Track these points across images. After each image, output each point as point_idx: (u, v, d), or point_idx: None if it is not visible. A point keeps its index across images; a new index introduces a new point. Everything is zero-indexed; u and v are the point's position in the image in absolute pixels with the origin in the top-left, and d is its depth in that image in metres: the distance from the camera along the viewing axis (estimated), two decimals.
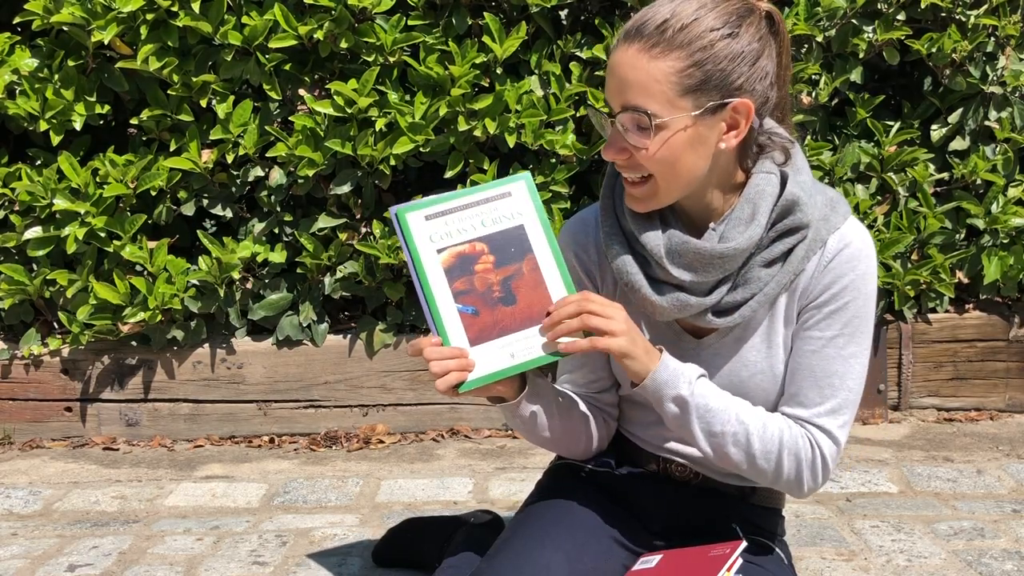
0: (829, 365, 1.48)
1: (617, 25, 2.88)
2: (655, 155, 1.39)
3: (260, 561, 2.19)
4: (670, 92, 1.37)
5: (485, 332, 1.44)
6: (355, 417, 3.04)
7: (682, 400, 1.45)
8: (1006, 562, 2.13)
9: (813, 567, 2.13)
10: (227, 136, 2.88)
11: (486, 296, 1.44)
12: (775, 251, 1.46)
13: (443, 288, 1.44)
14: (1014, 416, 3.11)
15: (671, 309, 1.47)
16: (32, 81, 2.89)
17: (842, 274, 1.46)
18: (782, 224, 1.45)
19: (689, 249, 1.44)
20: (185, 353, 2.99)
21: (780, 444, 1.47)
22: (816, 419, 1.48)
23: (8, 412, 3.01)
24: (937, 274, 2.96)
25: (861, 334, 1.48)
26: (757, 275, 1.46)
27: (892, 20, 2.94)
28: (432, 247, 1.45)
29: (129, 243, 2.89)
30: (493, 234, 1.46)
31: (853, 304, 1.47)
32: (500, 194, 1.47)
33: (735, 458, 1.48)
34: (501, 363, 1.44)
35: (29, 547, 2.30)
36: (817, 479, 1.50)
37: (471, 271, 1.44)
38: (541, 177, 2.90)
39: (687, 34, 1.36)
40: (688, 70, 1.37)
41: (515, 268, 1.45)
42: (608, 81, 1.43)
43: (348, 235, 2.94)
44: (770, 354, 1.52)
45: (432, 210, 1.47)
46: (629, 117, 1.39)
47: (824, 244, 1.47)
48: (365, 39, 2.85)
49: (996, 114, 3.03)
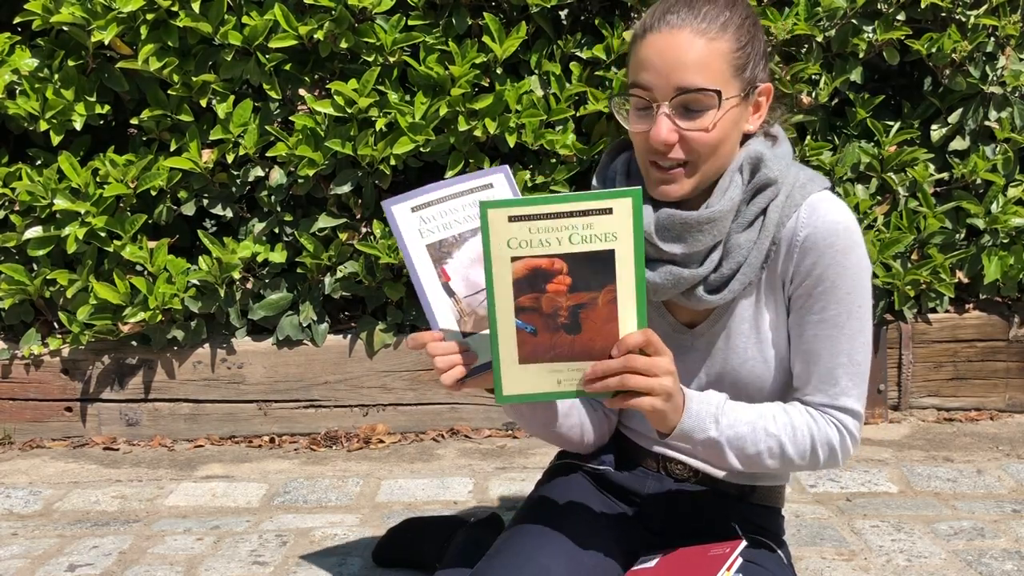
0: (835, 346, 1.49)
1: (617, 25, 2.88)
2: (711, 136, 1.43)
3: (260, 561, 2.19)
4: (727, 72, 1.42)
5: (538, 353, 1.35)
6: (355, 417, 3.04)
7: (712, 441, 1.46)
8: (1006, 562, 2.13)
9: (813, 567, 2.13)
10: (227, 136, 2.88)
11: (550, 319, 1.33)
12: (750, 212, 1.48)
13: (506, 299, 1.33)
14: (1014, 416, 3.11)
15: (665, 284, 1.49)
16: (32, 81, 2.89)
17: (821, 253, 1.46)
18: (753, 182, 1.48)
19: (676, 220, 1.46)
20: (185, 353, 3.00)
21: (812, 441, 1.50)
22: (835, 401, 1.50)
23: (8, 412, 3.01)
24: (937, 274, 2.96)
25: (858, 307, 1.48)
26: (737, 242, 1.48)
27: (892, 20, 2.94)
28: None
29: (129, 243, 2.90)
30: (579, 254, 1.31)
31: (841, 281, 1.47)
32: (599, 208, 1.30)
33: (772, 467, 1.51)
34: (545, 386, 1.35)
35: (29, 547, 2.30)
36: (848, 452, 1.53)
37: (542, 288, 1.32)
38: (541, 177, 2.90)
39: (733, 18, 1.43)
40: (737, 52, 1.43)
41: (590, 297, 1.32)
42: (653, 65, 1.42)
43: (348, 235, 2.94)
44: (759, 339, 1.53)
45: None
46: (692, 98, 1.41)
47: (798, 208, 1.48)
48: (365, 39, 2.85)
49: (996, 114, 3.03)
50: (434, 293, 1.45)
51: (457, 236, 1.48)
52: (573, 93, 2.88)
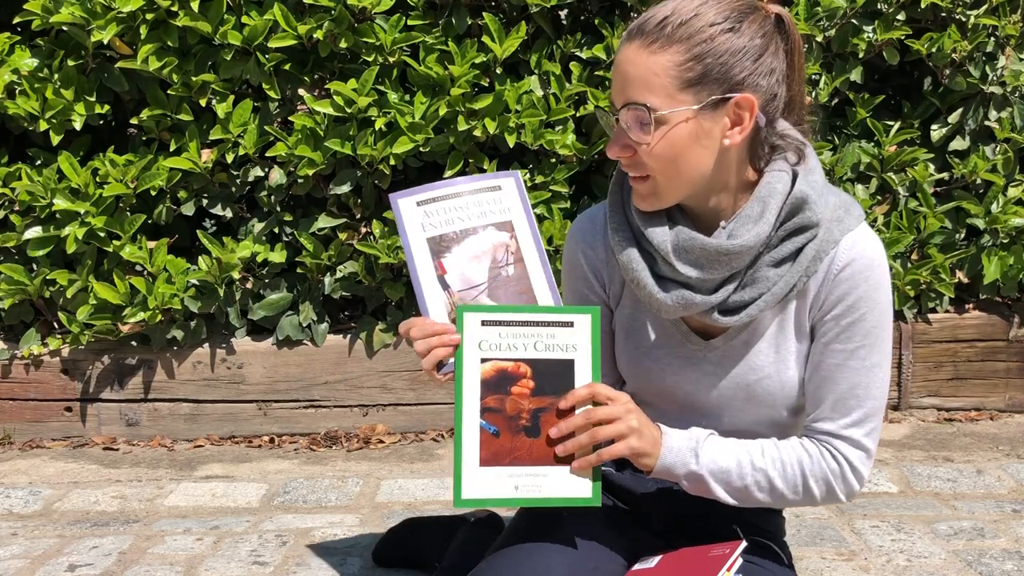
0: (853, 377, 1.48)
1: (617, 25, 2.88)
2: (655, 150, 1.39)
3: (260, 561, 2.19)
4: (670, 86, 1.37)
5: (498, 456, 1.41)
6: (355, 417, 3.04)
7: (695, 475, 1.47)
8: (1006, 562, 2.13)
9: (813, 567, 2.13)
10: (227, 136, 2.88)
11: (512, 421, 1.41)
12: (784, 250, 1.45)
13: (473, 397, 1.41)
14: (1014, 416, 3.11)
15: (675, 307, 1.46)
16: (32, 81, 2.89)
17: (855, 285, 1.45)
18: (791, 223, 1.44)
19: (696, 245, 1.43)
20: (185, 353, 2.99)
21: (803, 475, 1.49)
22: (842, 431, 1.49)
23: (8, 412, 3.01)
24: (937, 274, 2.96)
25: (882, 342, 1.48)
26: (765, 275, 1.45)
27: (892, 20, 2.94)
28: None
29: (129, 243, 2.89)
30: (540, 360, 1.42)
31: (870, 315, 1.46)
32: (561, 321, 1.42)
33: (764, 500, 1.50)
34: (502, 491, 1.41)
35: (29, 547, 2.30)
36: (852, 487, 1.51)
37: (506, 391, 1.41)
38: (541, 177, 2.90)
39: (687, 29, 1.37)
40: (687, 63, 1.37)
41: (550, 402, 1.42)
42: (613, 80, 1.43)
43: (348, 235, 2.94)
44: (778, 360, 1.51)
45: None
46: (631, 113, 1.39)
47: (836, 244, 1.45)
48: (365, 39, 2.85)
49: (996, 114, 3.03)
50: (429, 284, 1.47)
51: (459, 232, 1.50)
52: (573, 93, 2.88)
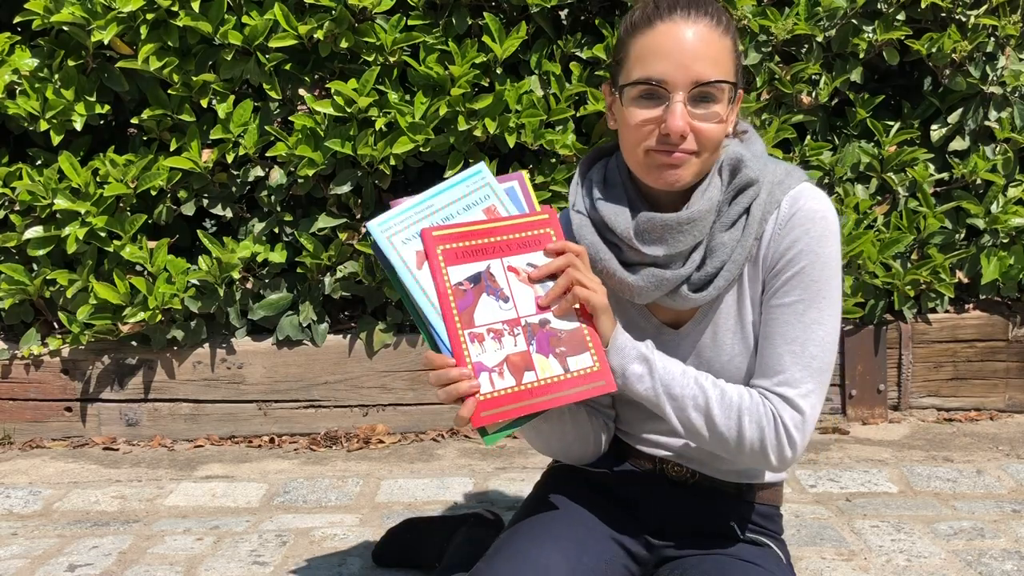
0: (789, 332, 1.46)
1: (617, 25, 2.88)
2: (722, 129, 1.45)
3: (260, 561, 2.19)
4: (732, 69, 1.46)
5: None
6: (355, 417, 3.04)
7: (645, 358, 1.46)
8: (1006, 562, 2.13)
9: (813, 567, 2.13)
10: (227, 136, 2.88)
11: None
12: (733, 213, 1.49)
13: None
14: (1014, 416, 3.11)
15: (648, 286, 1.48)
16: (32, 81, 2.89)
17: (796, 238, 1.46)
18: (734, 183, 1.49)
19: (656, 223, 1.46)
20: (185, 353, 2.99)
21: (739, 410, 1.46)
22: (776, 388, 1.46)
23: (8, 412, 3.01)
24: (937, 274, 2.95)
25: (822, 299, 1.46)
26: (721, 240, 1.48)
27: (892, 20, 2.94)
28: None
29: (129, 243, 2.90)
30: None
31: (810, 268, 1.46)
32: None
33: (697, 423, 1.47)
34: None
35: (29, 547, 2.30)
36: (784, 450, 1.46)
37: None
38: (541, 177, 2.90)
39: (730, 19, 1.48)
40: (737, 52, 1.48)
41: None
42: (670, 55, 1.42)
43: (348, 235, 2.94)
44: (743, 335, 1.52)
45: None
46: (708, 90, 1.42)
47: (779, 204, 1.48)
48: (365, 39, 2.85)
49: (996, 114, 3.03)
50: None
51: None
52: (573, 93, 2.88)
